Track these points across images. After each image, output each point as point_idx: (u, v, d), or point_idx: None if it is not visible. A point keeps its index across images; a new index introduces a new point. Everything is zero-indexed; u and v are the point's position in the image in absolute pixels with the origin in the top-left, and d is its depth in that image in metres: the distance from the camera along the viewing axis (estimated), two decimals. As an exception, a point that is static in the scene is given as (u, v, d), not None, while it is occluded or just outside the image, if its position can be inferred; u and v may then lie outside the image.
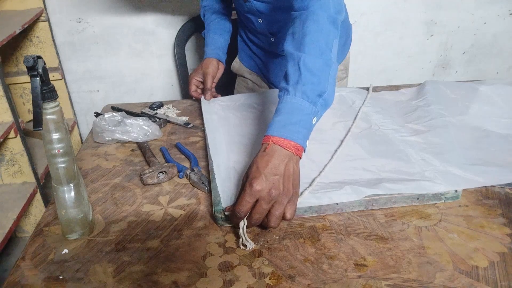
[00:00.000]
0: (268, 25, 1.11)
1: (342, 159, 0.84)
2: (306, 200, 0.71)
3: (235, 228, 0.69)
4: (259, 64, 1.28)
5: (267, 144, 0.68)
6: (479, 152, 0.85)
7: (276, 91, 1.14)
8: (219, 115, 1.03)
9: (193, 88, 1.15)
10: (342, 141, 0.90)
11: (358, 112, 1.02)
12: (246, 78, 1.33)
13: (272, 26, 1.11)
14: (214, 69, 1.14)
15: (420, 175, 0.77)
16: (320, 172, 0.79)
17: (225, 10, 1.22)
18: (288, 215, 0.65)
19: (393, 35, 1.97)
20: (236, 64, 1.34)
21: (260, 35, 1.18)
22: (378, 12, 1.91)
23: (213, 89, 1.15)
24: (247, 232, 0.66)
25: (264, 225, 0.66)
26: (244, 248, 0.64)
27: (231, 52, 1.28)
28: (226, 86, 1.45)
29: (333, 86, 0.74)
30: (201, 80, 1.15)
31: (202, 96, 1.12)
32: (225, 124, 0.99)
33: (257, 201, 0.64)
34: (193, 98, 1.17)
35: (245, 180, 0.67)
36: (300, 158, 0.69)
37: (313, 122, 0.71)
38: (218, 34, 1.19)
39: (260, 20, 1.11)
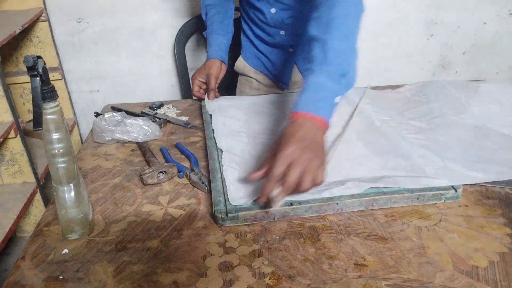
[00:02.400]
0: (281, 15, 1.12)
1: (344, 157, 0.84)
2: (307, 194, 0.71)
3: (235, 228, 0.69)
4: (266, 63, 1.28)
5: (296, 118, 0.71)
6: (481, 150, 0.86)
7: (281, 95, 1.14)
8: (221, 113, 1.03)
9: (196, 88, 1.15)
10: (344, 139, 0.91)
11: (360, 110, 1.02)
12: (251, 77, 1.33)
13: (286, 15, 1.12)
14: (217, 70, 1.14)
15: (421, 172, 0.77)
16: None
17: (228, 11, 1.23)
18: (319, 178, 0.66)
19: (393, 35, 1.97)
20: (241, 63, 1.34)
21: (269, 29, 1.18)
22: (378, 12, 1.91)
23: (216, 90, 1.15)
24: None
25: (296, 191, 0.66)
26: (274, 218, 0.68)
27: (233, 52, 1.28)
28: (228, 87, 1.44)
29: (355, 67, 0.78)
30: (204, 80, 1.15)
31: (205, 96, 1.12)
32: (226, 122, 0.99)
33: (289, 166, 0.65)
34: (196, 97, 1.17)
35: (274, 148, 0.69)
36: (325, 132, 0.72)
37: (336, 101, 0.75)
38: (221, 34, 1.19)
39: (273, 10, 1.12)
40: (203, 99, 1.13)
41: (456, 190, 0.73)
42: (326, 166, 0.68)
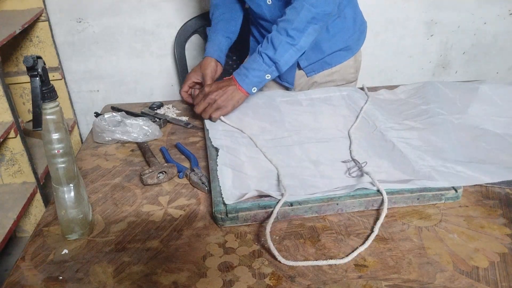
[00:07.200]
0: (279, 6, 1.10)
1: (340, 159, 0.84)
2: (301, 195, 0.71)
3: (235, 228, 0.69)
4: None
5: (230, 79, 1.04)
6: (476, 151, 0.85)
7: (281, 94, 1.13)
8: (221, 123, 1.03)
9: (185, 88, 1.13)
10: (340, 140, 0.90)
11: (356, 111, 1.02)
12: None
13: (283, 5, 1.09)
14: (213, 70, 1.12)
15: (416, 173, 0.76)
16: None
17: (235, 13, 1.21)
18: (214, 115, 1.00)
19: (393, 35, 1.97)
20: None
21: (270, 25, 1.14)
22: (378, 12, 1.91)
23: None
24: None
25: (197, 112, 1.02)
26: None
27: (241, 54, 1.25)
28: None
29: (286, 60, 1.01)
30: (199, 80, 1.13)
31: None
32: (225, 123, 0.99)
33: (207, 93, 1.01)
34: (183, 98, 1.15)
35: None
36: (245, 97, 1.04)
37: (266, 78, 1.02)
38: (222, 35, 1.17)
39: (269, 1, 1.10)
40: (189, 103, 1.11)
41: (456, 191, 0.73)
42: (224, 113, 1.01)
